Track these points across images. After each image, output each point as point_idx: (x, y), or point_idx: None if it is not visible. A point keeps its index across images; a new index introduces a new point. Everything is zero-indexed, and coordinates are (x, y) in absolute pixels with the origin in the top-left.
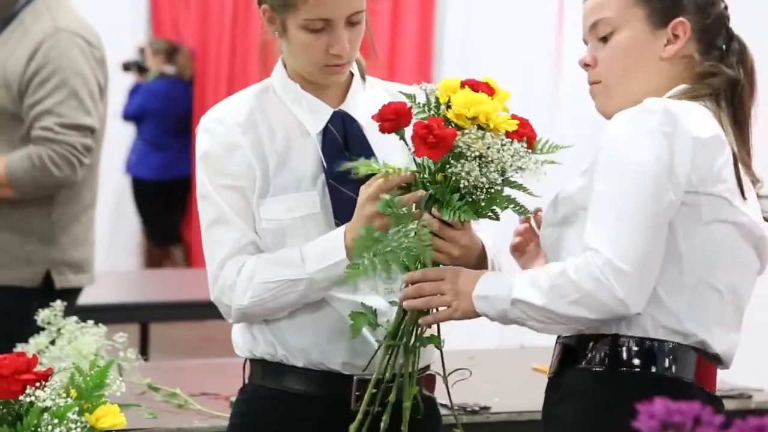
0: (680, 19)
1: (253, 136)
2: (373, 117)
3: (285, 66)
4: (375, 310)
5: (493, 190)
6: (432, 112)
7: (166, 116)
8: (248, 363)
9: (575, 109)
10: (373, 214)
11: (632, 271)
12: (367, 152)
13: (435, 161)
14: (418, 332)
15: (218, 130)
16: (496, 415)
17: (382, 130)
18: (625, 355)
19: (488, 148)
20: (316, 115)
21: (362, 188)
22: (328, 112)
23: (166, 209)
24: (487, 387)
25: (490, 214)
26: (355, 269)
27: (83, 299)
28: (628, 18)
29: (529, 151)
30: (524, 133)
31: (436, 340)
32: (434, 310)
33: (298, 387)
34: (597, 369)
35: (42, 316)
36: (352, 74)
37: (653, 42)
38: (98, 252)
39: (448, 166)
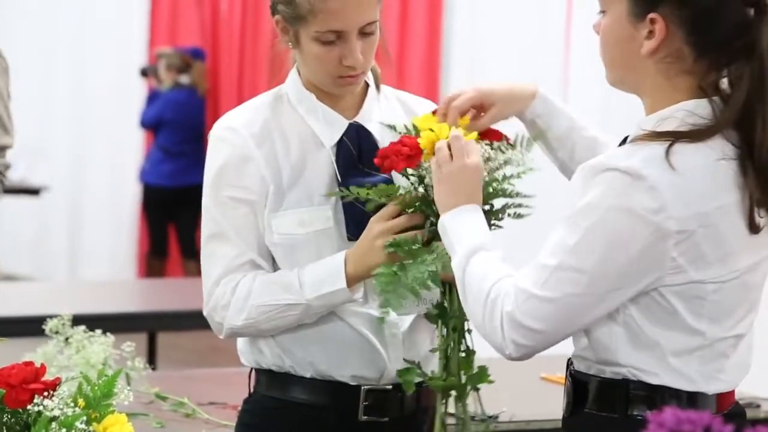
0: (651, 15)
1: (267, 149)
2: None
3: (299, 75)
4: (418, 364)
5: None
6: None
7: (182, 126)
8: (254, 372)
9: (583, 115)
10: (384, 251)
11: (537, 333)
12: None
13: (414, 168)
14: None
15: (232, 140)
16: (505, 424)
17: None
18: (636, 401)
19: None
20: (332, 127)
21: (372, 220)
22: (344, 125)
23: (175, 218)
24: (495, 396)
25: (493, 222)
26: (386, 308)
27: (91, 308)
28: (614, 4)
29: (505, 148)
30: (497, 137)
31: (485, 377)
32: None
33: (305, 397)
34: (609, 415)
35: (50, 325)
36: (367, 84)
37: (634, 35)
38: (107, 261)
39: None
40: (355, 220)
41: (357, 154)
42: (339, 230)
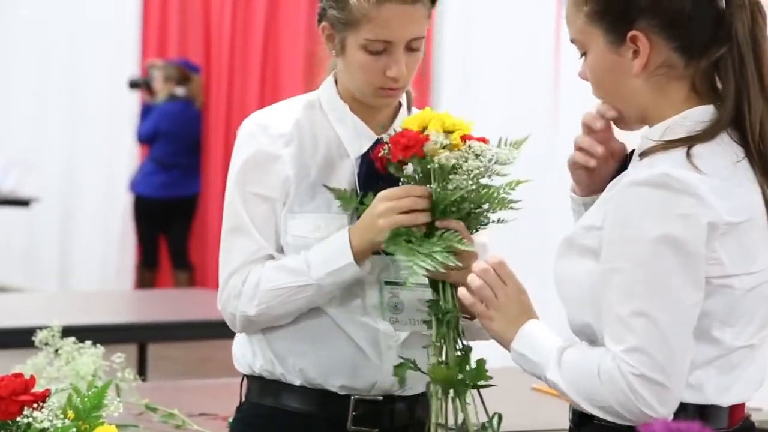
0: (632, 33)
1: (295, 149)
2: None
3: (336, 83)
4: (414, 361)
5: (469, 193)
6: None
7: (178, 137)
8: (245, 380)
9: (575, 126)
10: (384, 232)
11: (667, 382)
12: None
13: (406, 159)
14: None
15: (261, 138)
16: None
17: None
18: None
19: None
20: (360, 138)
21: (378, 197)
22: (372, 138)
23: (166, 229)
24: (486, 407)
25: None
26: (410, 275)
27: (82, 319)
28: (589, 38)
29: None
30: (481, 140)
31: (483, 372)
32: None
33: (295, 405)
34: (615, 424)
35: (40, 336)
36: (400, 103)
37: (621, 60)
38: (98, 272)
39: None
40: None
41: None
42: None
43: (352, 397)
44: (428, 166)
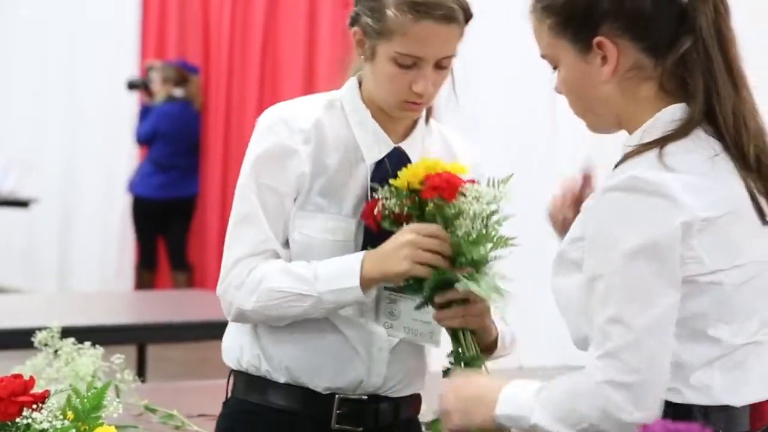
0: (597, 39)
1: (313, 147)
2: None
3: (359, 86)
4: None
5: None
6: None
7: (177, 138)
8: (232, 375)
9: (574, 127)
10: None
11: (642, 385)
12: None
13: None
14: None
15: (281, 131)
16: None
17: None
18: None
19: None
20: (378, 145)
21: (407, 228)
22: (389, 146)
23: (165, 230)
24: None
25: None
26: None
27: (81, 320)
28: (557, 51)
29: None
30: (471, 182)
31: None
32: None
33: (280, 403)
34: None
35: (39, 337)
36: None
37: (590, 68)
38: (97, 273)
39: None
40: (372, 242)
41: (393, 177)
42: (357, 247)
43: (337, 396)
44: (434, 215)
